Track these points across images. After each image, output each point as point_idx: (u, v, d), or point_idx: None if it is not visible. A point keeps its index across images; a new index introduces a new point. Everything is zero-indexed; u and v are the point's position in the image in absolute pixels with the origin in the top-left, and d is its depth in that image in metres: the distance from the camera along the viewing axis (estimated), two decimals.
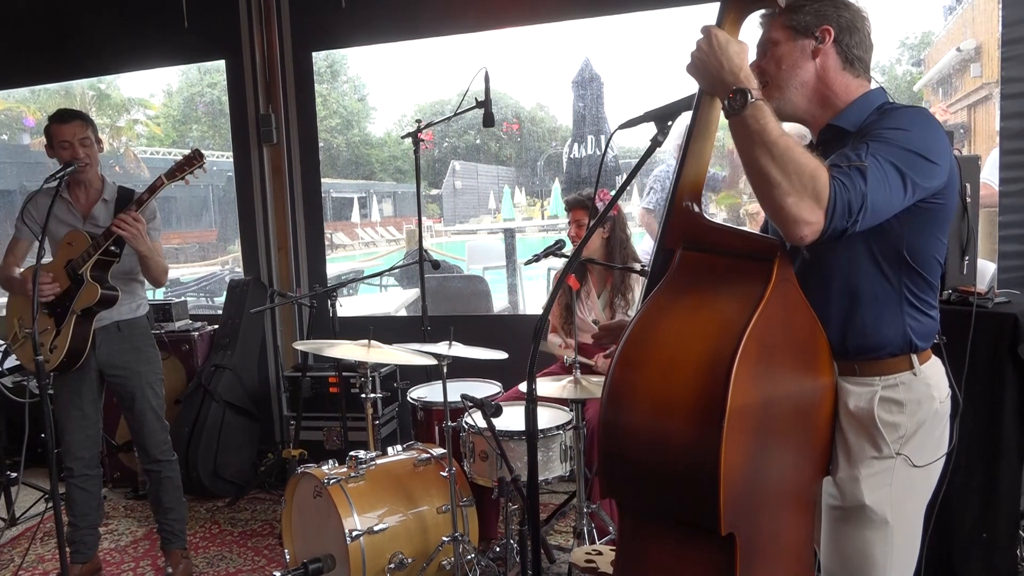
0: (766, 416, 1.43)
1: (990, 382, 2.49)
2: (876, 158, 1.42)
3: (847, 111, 1.61)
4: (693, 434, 1.38)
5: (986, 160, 3.57)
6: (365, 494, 2.75)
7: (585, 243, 1.76)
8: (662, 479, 1.45)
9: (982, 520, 2.55)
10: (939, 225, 1.58)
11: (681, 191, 1.58)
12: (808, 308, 1.54)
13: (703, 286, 1.52)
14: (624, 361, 1.51)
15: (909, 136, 1.47)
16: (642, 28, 4.41)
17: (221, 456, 4.24)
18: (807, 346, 1.55)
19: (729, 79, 1.42)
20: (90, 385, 3.13)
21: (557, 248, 3.26)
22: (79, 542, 3.23)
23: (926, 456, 1.62)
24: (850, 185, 1.38)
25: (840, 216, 1.38)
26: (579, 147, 6.42)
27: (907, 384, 1.60)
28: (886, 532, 1.60)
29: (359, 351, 2.92)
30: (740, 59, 1.44)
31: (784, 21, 1.61)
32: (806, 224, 1.37)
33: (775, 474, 1.49)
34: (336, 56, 11.74)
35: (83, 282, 2.96)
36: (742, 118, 1.40)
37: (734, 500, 1.37)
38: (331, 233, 11.79)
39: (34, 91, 10.33)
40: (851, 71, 1.62)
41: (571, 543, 3.31)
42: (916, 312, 1.60)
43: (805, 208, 1.36)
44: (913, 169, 1.44)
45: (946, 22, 6.52)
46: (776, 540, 1.53)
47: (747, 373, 1.36)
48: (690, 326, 1.49)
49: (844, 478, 1.63)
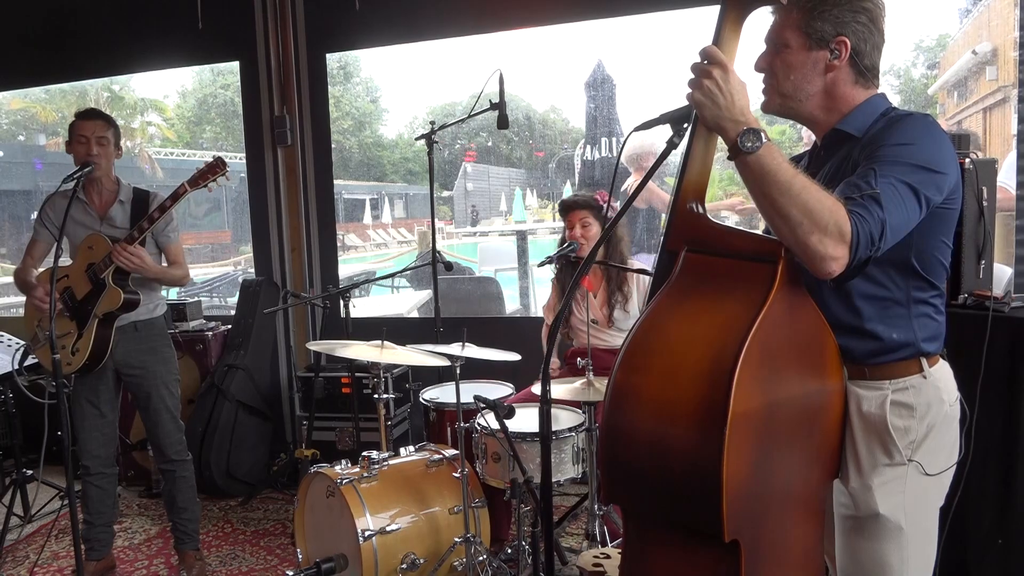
0: (770, 421, 1.42)
1: (1007, 387, 2.46)
2: (888, 180, 1.41)
3: (851, 116, 1.60)
4: (695, 440, 1.36)
5: (1002, 164, 3.54)
6: (377, 494, 2.76)
7: (596, 250, 1.76)
8: (664, 485, 1.43)
9: (997, 526, 2.53)
10: (946, 229, 1.58)
11: (685, 193, 1.56)
12: (815, 310, 1.52)
13: (707, 289, 1.50)
14: (626, 365, 1.50)
15: (915, 151, 1.46)
16: (655, 29, 4.40)
17: (234, 456, 4.26)
18: (814, 349, 1.54)
19: (739, 118, 1.40)
20: (107, 384, 3.16)
21: (569, 250, 3.26)
22: (94, 539, 3.26)
23: (939, 463, 1.61)
24: (868, 216, 1.38)
25: (864, 247, 1.37)
26: (591, 149, 6.41)
27: (917, 387, 1.59)
28: (901, 540, 1.59)
29: (372, 352, 2.93)
30: (746, 98, 1.42)
31: (801, 23, 1.56)
32: (833, 260, 1.36)
33: (780, 479, 1.47)
34: (349, 58, 11.78)
35: (104, 286, 2.99)
36: (757, 157, 1.38)
37: (737, 506, 1.35)
38: (343, 235, 11.81)
39: (49, 92, 10.42)
40: (862, 83, 1.60)
41: (583, 545, 3.31)
42: (923, 315, 1.60)
43: (830, 245, 1.35)
44: (924, 185, 1.44)
45: (962, 25, 6.48)
46: (782, 545, 1.52)
47: (750, 378, 1.35)
48: (693, 330, 1.47)
49: (856, 488, 1.62)
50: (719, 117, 1.41)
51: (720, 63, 1.42)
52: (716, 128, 1.44)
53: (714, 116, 1.42)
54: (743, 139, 1.38)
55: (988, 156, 2.74)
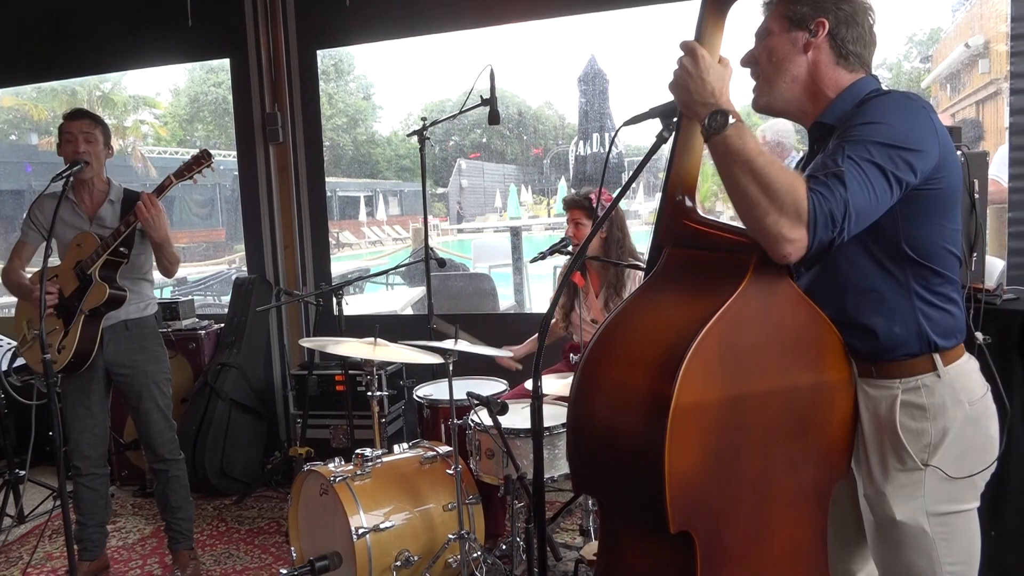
0: (736, 414, 1.39)
1: (999, 379, 2.45)
2: (853, 159, 1.36)
3: (832, 106, 1.56)
4: (641, 430, 1.37)
5: (994, 156, 3.55)
6: (371, 492, 2.75)
7: (588, 244, 1.76)
8: (621, 475, 1.44)
9: (990, 518, 2.53)
10: (941, 211, 1.49)
11: (674, 186, 1.56)
12: (807, 304, 1.47)
13: (683, 282, 1.49)
14: (592, 357, 1.50)
15: (883, 129, 1.40)
16: (647, 23, 4.40)
17: (228, 454, 4.25)
18: (803, 343, 1.48)
19: (710, 100, 1.40)
20: (98, 384, 3.14)
21: (563, 246, 3.26)
22: (87, 540, 3.25)
23: (967, 466, 1.53)
24: (829, 195, 1.33)
25: (824, 228, 1.33)
26: (584, 144, 6.40)
27: (930, 387, 1.51)
28: (925, 543, 1.53)
29: (365, 349, 2.92)
30: (721, 82, 1.42)
31: (782, 11, 1.58)
32: (788, 242, 1.33)
33: (755, 474, 1.43)
34: (342, 55, 11.76)
35: (92, 282, 2.97)
36: (723, 137, 1.37)
37: (684, 498, 1.33)
38: (337, 232, 11.81)
39: (40, 91, 10.38)
40: (844, 66, 1.56)
41: (577, 541, 3.31)
42: (930, 307, 1.51)
43: (785, 226, 1.32)
44: (894, 163, 1.38)
45: (954, 18, 6.49)
46: (760, 541, 1.47)
47: (702, 370, 1.33)
48: (658, 322, 1.47)
49: (870, 495, 1.57)
50: (690, 101, 1.44)
51: (690, 50, 1.44)
52: (690, 112, 1.46)
53: (685, 100, 1.45)
54: (710, 120, 1.39)
55: (980, 149, 2.74)
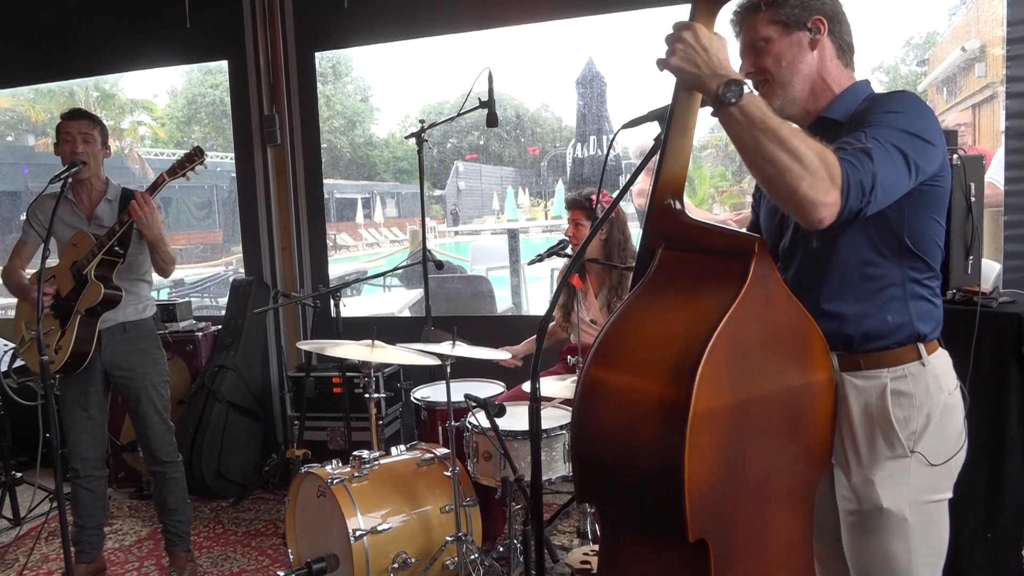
0: (743, 418, 1.39)
1: (994, 382, 2.47)
2: (878, 140, 1.41)
3: (837, 102, 1.61)
4: (657, 439, 1.34)
5: (991, 160, 3.56)
6: (369, 494, 2.75)
7: (587, 245, 1.76)
8: (630, 484, 1.42)
9: (986, 520, 2.54)
10: (936, 207, 1.56)
11: (662, 189, 1.55)
12: (795, 304, 1.49)
13: (680, 285, 1.49)
14: (596, 363, 1.48)
15: (904, 118, 1.46)
16: (645, 26, 4.41)
17: (225, 456, 4.24)
18: (794, 343, 1.51)
19: (721, 71, 1.39)
20: (96, 386, 3.14)
21: (560, 248, 3.26)
22: (84, 542, 3.24)
23: (943, 453, 1.59)
24: (859, 165, 1.36)
25: (855, 196, 1.35)
26: (582, 147, 6.42)
27: (915, 375, 1.58)
28: (906, 531, 1.58)
29: (363, 351, 2.92)
30: (724, 52, 1.42)
31: (771, 17, 1.60)
32: (824, 206, 1.33)
33: (757, 476, 1.44)
34: (340, 57, 11.75)
35: (87, 282, 2.97)
36: (741, 107, 1.35)
37: (702, 506, 1.33)
38: (335, 234, 11.80)
39: (38, 91, 10.36)
40: (842, 59, 1.63)
41: (574, 543, 3.31)
42: (920, 299, 1.59)
43: (821, 189, 1.32)
44: (914, 150, 1.43)
45: (950, 22, 6.51)
46: (760, 542, 1.49)
47: (715, 376, 1.32)
48: (662, 327, 1.45)
49: (858, 482, 1.60)
50: (699, 75, 1.40)
51: (687, 26, 1.42)
52: (698, 87, 1.42)
53: (693, 75, 1.41)
54: (725, 90, 1.36)
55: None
